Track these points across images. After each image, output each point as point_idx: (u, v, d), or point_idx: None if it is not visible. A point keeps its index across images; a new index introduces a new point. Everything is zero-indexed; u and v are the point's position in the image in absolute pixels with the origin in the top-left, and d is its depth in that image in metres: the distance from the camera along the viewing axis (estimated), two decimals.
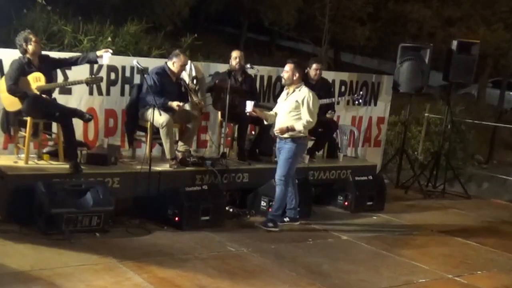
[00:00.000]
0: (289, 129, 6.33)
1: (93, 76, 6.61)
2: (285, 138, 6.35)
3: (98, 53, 6.41)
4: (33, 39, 6.10)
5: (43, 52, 6.40)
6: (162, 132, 6.60)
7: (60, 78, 6.72)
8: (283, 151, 6.40)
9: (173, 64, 6.84)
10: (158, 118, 6.43)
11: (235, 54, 7.44)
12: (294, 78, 6.36)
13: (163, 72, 6.82)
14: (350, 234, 6.61)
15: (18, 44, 6.14)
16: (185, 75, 7.51)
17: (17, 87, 6.00)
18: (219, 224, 6.23)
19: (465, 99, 16.65)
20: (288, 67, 6.37)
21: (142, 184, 6.38)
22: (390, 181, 9.36)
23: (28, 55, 6.13)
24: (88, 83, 6.41)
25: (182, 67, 6.93)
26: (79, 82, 6.38)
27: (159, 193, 6.39)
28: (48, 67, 6.32)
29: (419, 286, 5.31)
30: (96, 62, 6.54)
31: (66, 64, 6.53)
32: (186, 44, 10.40)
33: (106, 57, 6.38)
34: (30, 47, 6.10)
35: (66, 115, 6.21)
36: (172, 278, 4.87)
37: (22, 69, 6.08)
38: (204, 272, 5.06)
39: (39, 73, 6.13)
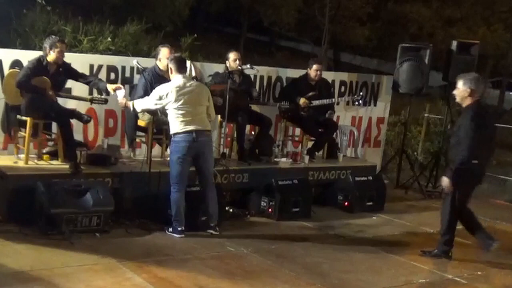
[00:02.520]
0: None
1: (99, 96, 6.66)
2: None
3: (110, 87, 6.40)
4: (58, 48, 6.11)
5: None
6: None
7: None
8: None
9: (159, 61, 6.80)
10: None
11: (234, 56, 7.39)
12: (172, 71, 6.09)
13: (154, 73, 6.74)
14: (350, 234, 6.61)
15: (43, 46, 6.17)
16: None
17: (27, 84, 5.99)
18: (218, 224, 6.22)
19: None
20: (168, 65, 6.14)
21: (142, 184, 6.38)
22: (390, 181, 9.35)
23: (47, 58, 6.14)
24: (92, 101, 6.46)
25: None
26: (83, 99, 6.46)
27: (159, 193, 6.39)
28: (62, 76, 6.35)
29: (419, 286, 5.31)
30: (106, 92, 6.51)
31: (80, 79, 6.53)
32: (186, 44, 10.41)
33: (120, 95, 6.34)
34: (52, 54, 6.11)
35: (64, 115, 6.22)
36: (172, 278, 4.87)
37: (37, 70, 6.08)
38: (204, 272, 5.07)
39: (45, 78, 6.13)
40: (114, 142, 7.09)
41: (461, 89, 5.70)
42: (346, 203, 7.59)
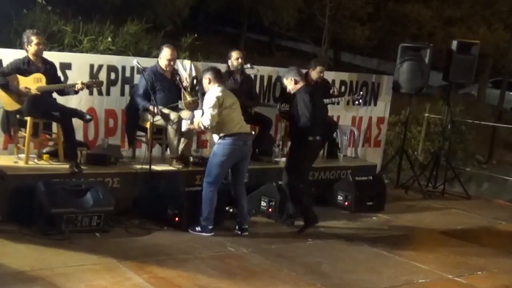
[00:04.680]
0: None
1: (93, 80, 6.65)
2: None
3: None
4: (35, 41, 6.11)
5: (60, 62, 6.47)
6: (171, 130, 6.58)
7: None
8: None
9: (160, 59, 6.81)
10: (171, 114, 6.45)
11: (236, 54, 7.41)
12: (210, 82, 6.12)
13: (155, 71, 6.78)
14: (350, 234, 6.61)
15: (22, 42, 6.19)
16: (185, 75, 7.50)
17: (1, 76, 6.01)
18: (218, 224, 6.22)
19: (465, 99, 16.65)
20: (207, 75, 6.12)
21: (142, 184, 6.38)
22: (390, 181, 9.35)
23: (29, 55, 6.16)
24: (89, 86, 6.44)
25: (169, 61, 6.76)
26: (74, 86, 6.35)
27: (159, 193, 6.39)
28: (52, 70, 6.35)
29: (419, 286, 5.30)
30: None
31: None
32: (186, 44, 10.41)
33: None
34: (30, 48, 6.13)
35: (66, 115, 6.22)
36: (172, 278, 4.87)
37: (19, 66, 6.11)
38: (204, 272, 5.06)
39: (40, 74, 6.15)
40: (114, 142, 7.09)
41: (287, 82, 6.50)
42: (346, 203, 7.58)
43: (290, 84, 6.44)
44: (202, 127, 6.06)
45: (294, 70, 6.49)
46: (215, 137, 6.12)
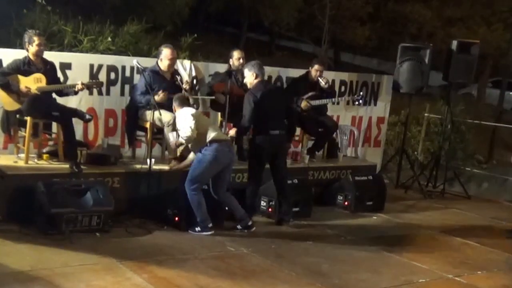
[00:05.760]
0: None
1: (93, 80, 6.66)
2: None
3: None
4: (37, 41, 6.12)
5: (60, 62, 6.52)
6: (167, 131, 6.58)
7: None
8: None
9: (161, 61, 6.81)
10: (164, 116, 6.45)
11: (238, 54, 7.40)
12: (176, 109, 6.32)
13: (155, 71, 6.78)
14: (350, 234, 6.61)
15: (23, 42, 6.21)
16: (185, 75, 7.50)
17: (1, 76, 6.03)
18: (218, 224, 6.23)
19: (465, 99, 16.64)
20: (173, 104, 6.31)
21: (142, 184, 6.38)
22: (390, 181, 9.35)
23: (29, 55, 6.16)
24: (89, 87, 6.44)
25: (171, 61, 6.76)
26: (73, 86, 6.36)
27: (159, 193, 6.39)
28: (52, 71, 6.36)
29: (419, 286, 5.31)
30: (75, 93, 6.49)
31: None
32: (186, 44, 10.41)
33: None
34: (31, 48, 6.13)
35: (66, 115, 6.23)
36: (172, 278, 4.87)
37: (19, 66, 6.12)
38: (204, 272, 5.07)
39: (40, 74, 6.15)
40: (114, 142, 7.09)
41: (249, 75, 6.50)
42: (346, 203, 7.59)
43: (251, 77, 6.47)
44: (183, 140, 6.09)
45: (258, 65, 6.53)
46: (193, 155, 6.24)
